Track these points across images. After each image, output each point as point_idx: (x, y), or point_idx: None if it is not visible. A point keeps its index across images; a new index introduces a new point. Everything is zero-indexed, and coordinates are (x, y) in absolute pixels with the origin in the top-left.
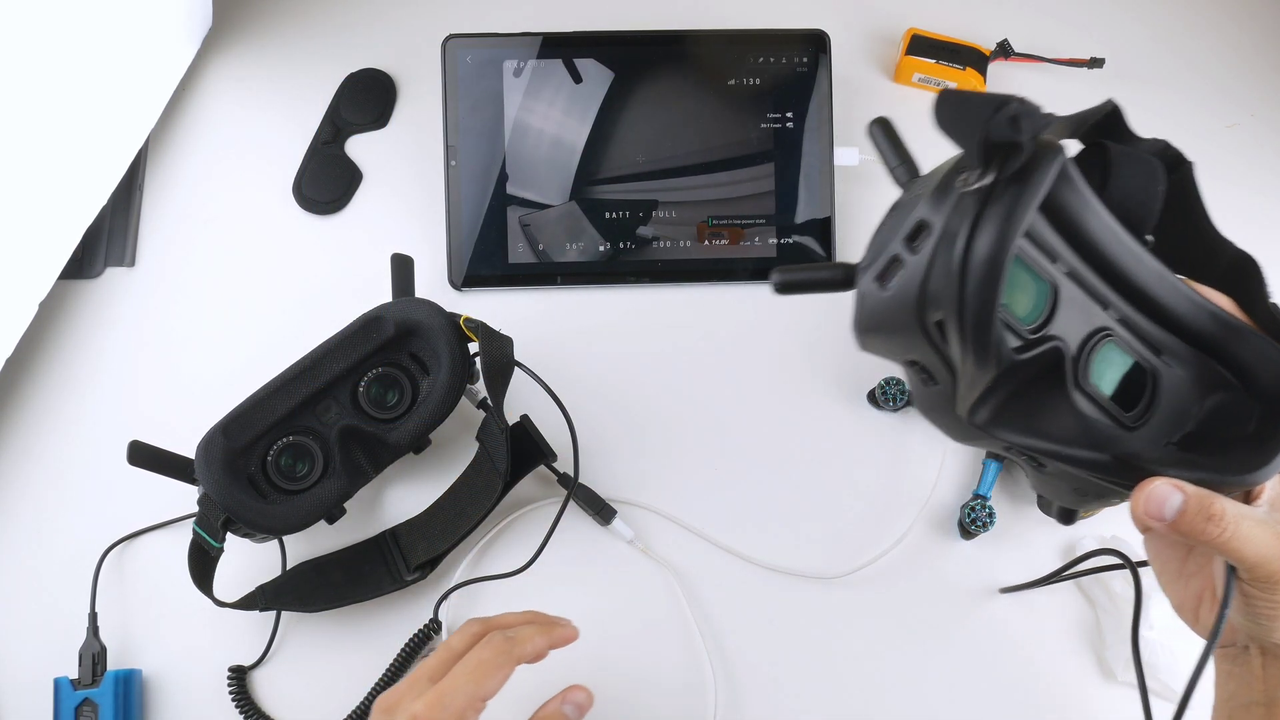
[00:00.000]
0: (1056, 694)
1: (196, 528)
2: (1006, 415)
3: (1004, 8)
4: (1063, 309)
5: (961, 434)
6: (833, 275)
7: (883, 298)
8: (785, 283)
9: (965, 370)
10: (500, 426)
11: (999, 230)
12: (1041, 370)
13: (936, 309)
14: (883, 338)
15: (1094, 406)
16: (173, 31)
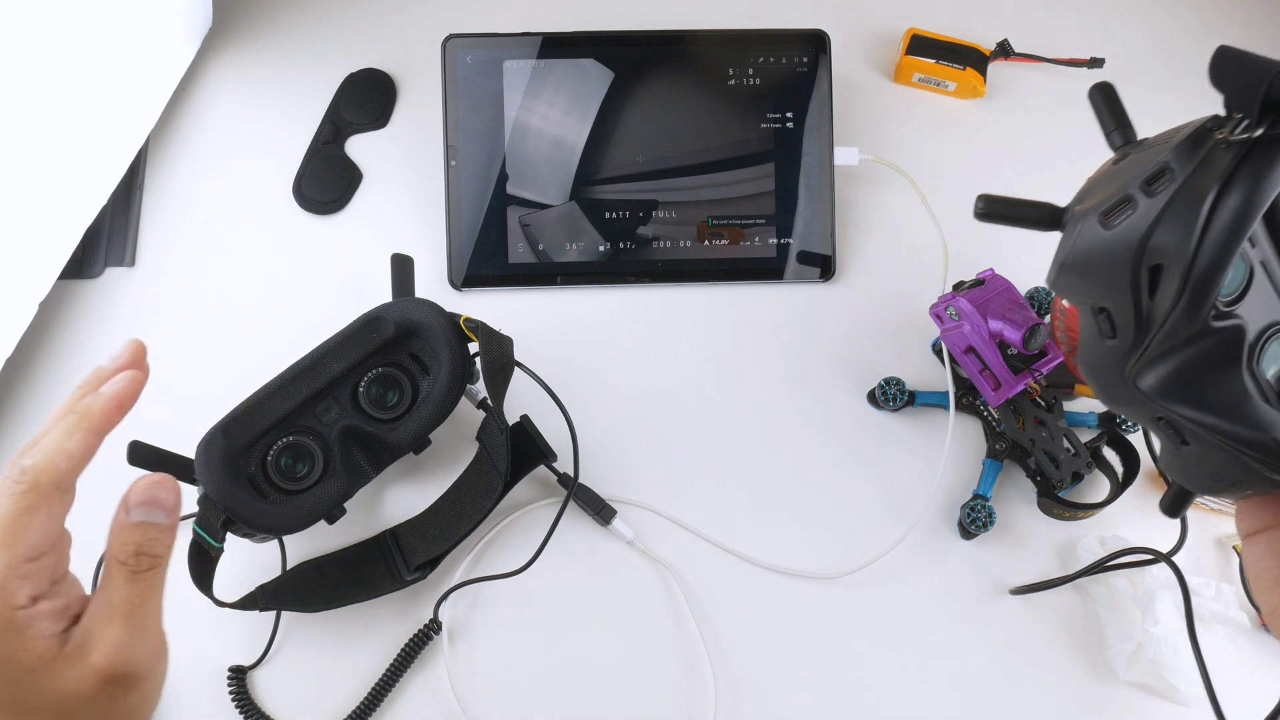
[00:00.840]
0: (1057, 693)
1: (196, 528)
2: (1173, 383)
3: (1004, 8)
4: (1252, 294)
5: (1118, 395)
6: (1039, 214)
7: (1102, 235)
8: (989, 211)
9: (1160, 324)
10: (500, 426)
11: (1258, 182)
12: (1219, 346)
13: (1159, 255)
14: (1086, 278)
15: (1260, 392)
16: (173, 31)
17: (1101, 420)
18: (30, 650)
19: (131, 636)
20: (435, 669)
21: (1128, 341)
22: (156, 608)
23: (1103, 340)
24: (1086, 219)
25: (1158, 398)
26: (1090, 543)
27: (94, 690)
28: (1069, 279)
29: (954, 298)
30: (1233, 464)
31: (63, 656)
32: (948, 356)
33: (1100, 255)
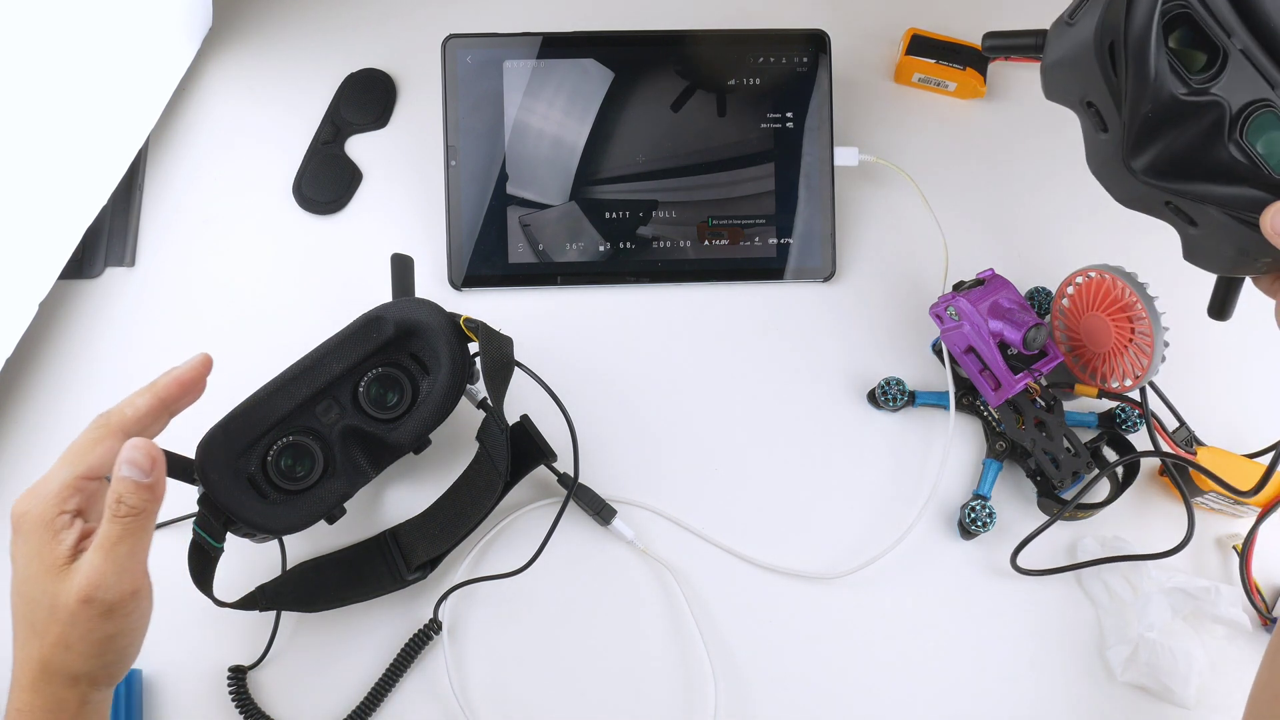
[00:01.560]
0: (1056, 694)
1: (196, 528)
2: (1165, 162)
3: (1004, 8)
4: (1229, 74)
5: (1125, 187)
6: (1034, 41)
7: (1070, 31)
8: (992, 46)
9: (1130, 95)
10: (500, 426)
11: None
12: (1201, 125)
13: (1111, 32)
14: (1065, 72)
15: (1246, 159)
16: (173, 31)
17: (1101, 420)
18: (52, 553)
19: (107, 568)
20: (435, 669)
21: (1118, 129)
22: (134, 550)
23: (1099, 137)
24: (1057, 25)
25: (1153, 177)
26: (1090, 543)
27: (75, 606)
28: (1053, 79)
29: (954, 298)
30: (1244, 231)
31: (66, 569)
32: (948, 356)
33: (1070, 49)
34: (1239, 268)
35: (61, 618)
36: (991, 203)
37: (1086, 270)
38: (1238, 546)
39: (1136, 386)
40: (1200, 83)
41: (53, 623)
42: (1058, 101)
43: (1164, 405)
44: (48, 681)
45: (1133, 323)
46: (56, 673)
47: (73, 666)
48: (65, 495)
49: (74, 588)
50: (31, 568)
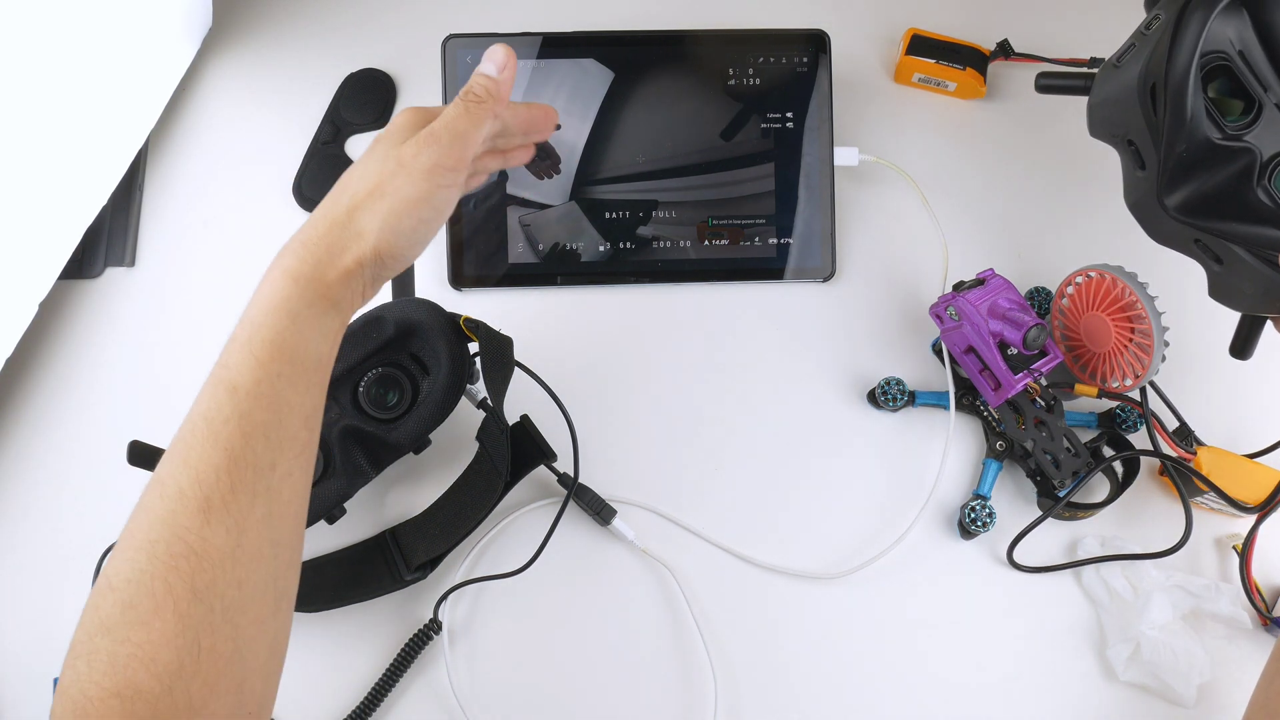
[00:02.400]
0: (1057, 693)
1: None
2: (1196, 200)
3: (1004, 8)
4: (1263, 124)
5: (1158, 224)
6: (1084, 83)
7: (1115, 73)
8: (1046, 86)
9: (1167, 135)
10: (500, 427)
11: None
12: (1233, 169)
13: (1153, 74)
14: (1110, 110)
15: (1273, 203)
16: (173, 31)
17: (1101, 420)
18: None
19: (441, 133)
20: (435, 669)
21: (1154, 167)
22: (465, 132)
23: (1136, 174)
24: (1105, 68)
25: (1184, 214)
26: (1090, 543)
27: (399, 155)
28: (1098, 117)
29: (954, 298)
30: (1268, 273)
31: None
32: (948, 356)
33: (1115, 89)
34: (1262, 307)
35: (388, 168)
36: (991, 203)
37: (1086, 270)
38: (1238, 546)
39: (1136, 386)
40: (1235, 129)
41: (370, 173)
42: (1100, 139)
43: (1164, 405)
44: (338, 226)
45: (1133, 323)
46: (353, 212)
47: (373, 212)
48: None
49: (407, 145)
50: (377, 148)
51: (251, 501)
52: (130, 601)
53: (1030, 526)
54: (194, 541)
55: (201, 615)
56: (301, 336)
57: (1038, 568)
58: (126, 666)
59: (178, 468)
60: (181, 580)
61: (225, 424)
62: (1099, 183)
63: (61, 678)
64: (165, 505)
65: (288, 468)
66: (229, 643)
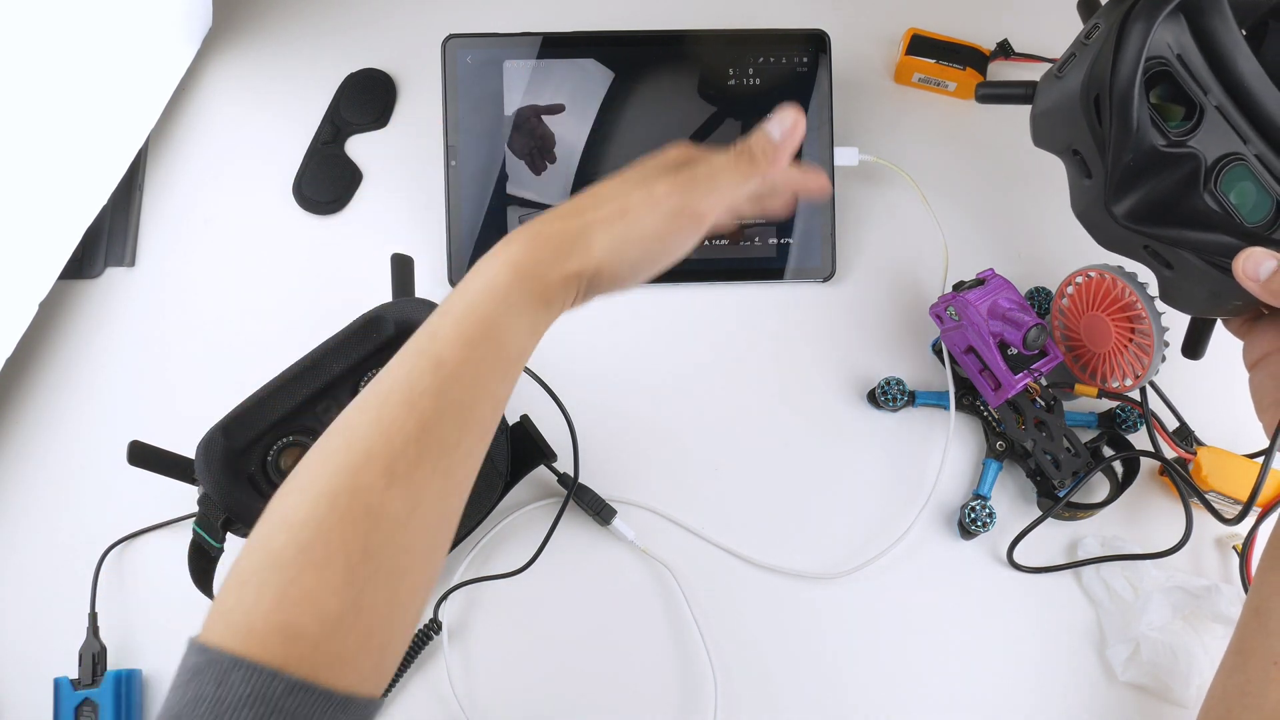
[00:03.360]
0: (1057, 693)
1: (196, 528)
2: (1144, 207)
3: (1004, 8)
4: (1205, 129)
5: (1106, 231)
6: (1025, 91)
7: (1058, 84)
8: (987, 95)
9: (1112, 144)
10: (500, 426)
11: (1151, 11)
12: (1179, 175)
13: (1096, 84)
14: (1053, 120)
15: (1219, 208)
16: (173, 31)
17: (1101, 420)
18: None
19: (699, 175)
20: (435, 669)
21: (1100, 176)
22: (724, 185)
23: (1083, 183)
24: (1046, 77)
25: (1133, 222)
26: (1090, 543)
27: (646, 191)
28: (1041, 127)
29: (954, 298)
30: (1216, 275)
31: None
32: (948, 356)
33: (1058, 100)
34: (1211, 309)
35: (637, 196)
36: (991, 203)
37: (1086, 270)
38: (1238, 546)
39: (1136, 386)
40: (1178, 136)
41: (620, 194)
42: (1045, 148)
43: (1164, 405)
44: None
45: (1132, 322)
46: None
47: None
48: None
49: (664, 180)
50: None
51: (431, 475)
52: (306, 544)
53: (1030, 527)
54: (374, 502)
55: (368, 574)
56: (512, 326)
57: (1038, 568)
58: (295, 606)
59: (370, 427)
60: (357, 536)
61: (423, 395)
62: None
63: (224, 599)
64: (350, 459)
65: (469, 449)
66: (386, 605)
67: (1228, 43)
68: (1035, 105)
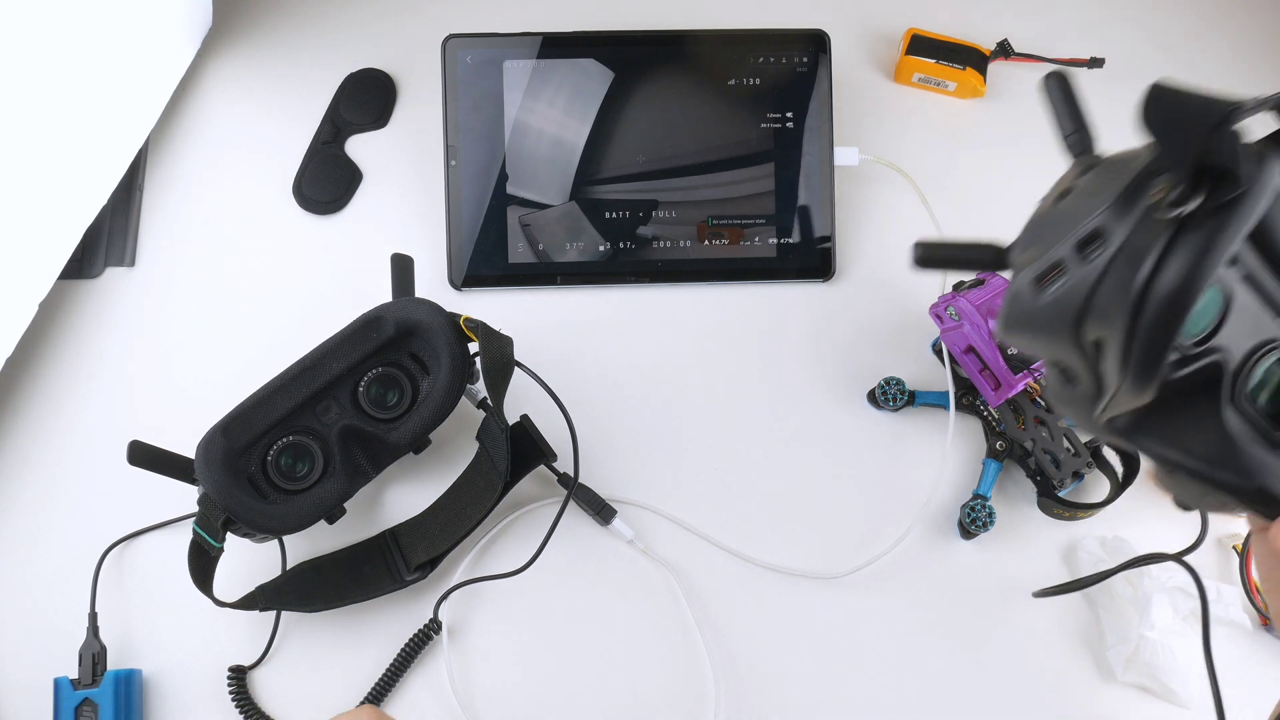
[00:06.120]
0: (1057, 694)
1: (196, 528)
2: (1148, 425)
3: (1004, 8)
4: (1233, 318)
5: (1093, 432)
6: (983, 255)
7: (1038, 302)
8: (926, 257)
9: (1115, 389)
10: (500, 426)
11: (1194, 264)
12: (1194, 386)
13: (1099, 328)
14: (1029, 338)
15: (1246, 424)
16: (173, 31)
17: None
18: None
19: None
20: (435, 669)
21: (1090, 390)
22: None
23: (1065, 387)
24: (1022, 277)
25: (1132, 437)
26: (1091, 543)
27: None
28: (1014, 337)
29: (954, 298)
30: (1219, 493)
31: None
32: (948, 356)
33: (1038, 321)
34: (1211, 509)
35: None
36: (991, 203)
37: None
38: (1238, 546)
39: None
40: (1197, 343)
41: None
42: (1013, 348)
43: None
44: None
45: None
46: None
47: None
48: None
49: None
50: None
51: None
52: None
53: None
54: None
55: None
56: None
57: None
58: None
59: None
60: None
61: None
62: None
63: None
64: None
65: None
66: None
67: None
68: (1005, 312)
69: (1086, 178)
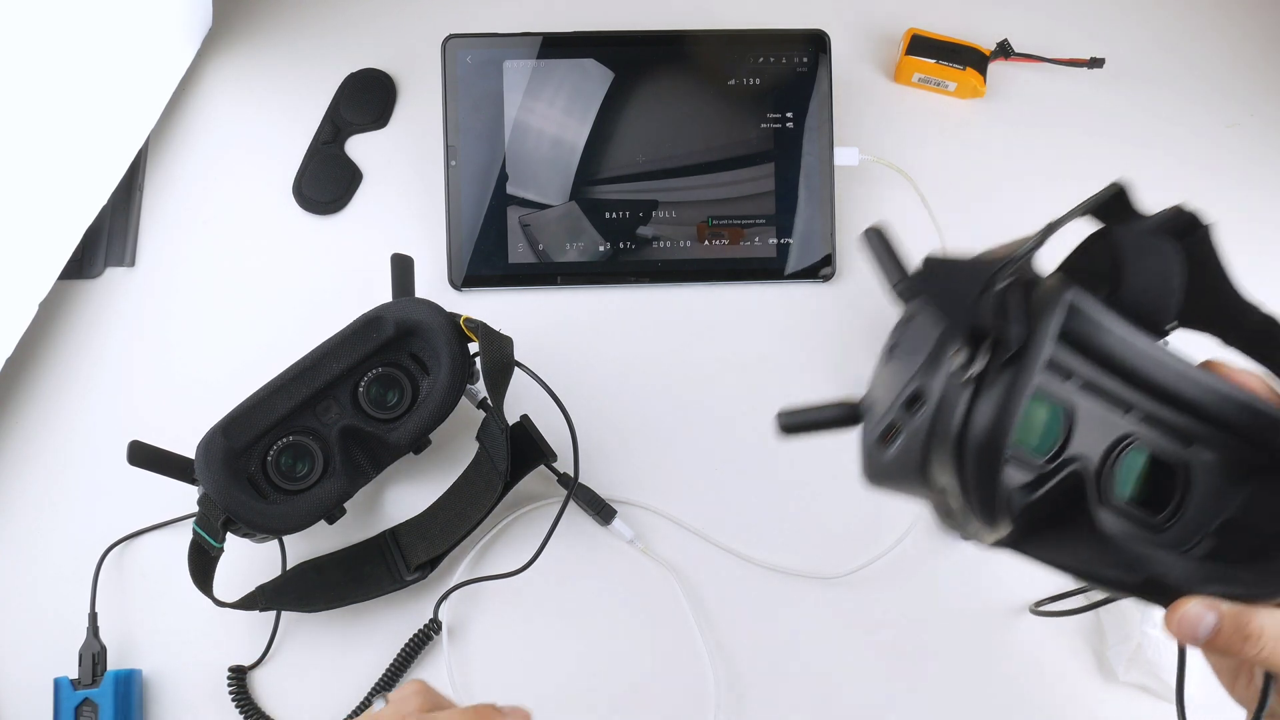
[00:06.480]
0: (1056, 693)
1: (196, 528)
2: (1033, 538)
3: (1004, 8)
4: (1081, 427)
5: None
6: (839, 414)
7: (885, 460)
8: (790, 425)
9: (971, 525)
10: (500, 426)
11: (997, 415)
12: (1064, 494)
13: (940, 476)
14: (891, 489)
15: (1121, 519)
16: (173, 31)
17: None
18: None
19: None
20: (435, 669)
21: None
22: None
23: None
24: (868, 436)
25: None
26: None
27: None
28: (878, 489)
29: None
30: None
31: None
32: None
33: (892, 476)
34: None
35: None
36: (991, 203)
37: None
38: None
39: None
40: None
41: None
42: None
43: None
44: None
45: None
46: None
47: None
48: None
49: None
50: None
51: None
52: None
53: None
54: None
55: None
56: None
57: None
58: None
59: None
60: None
61: None
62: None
63: None
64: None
65: None
66: None
67: (1088, 328)
68: (863, 468)
69: (910, 329)
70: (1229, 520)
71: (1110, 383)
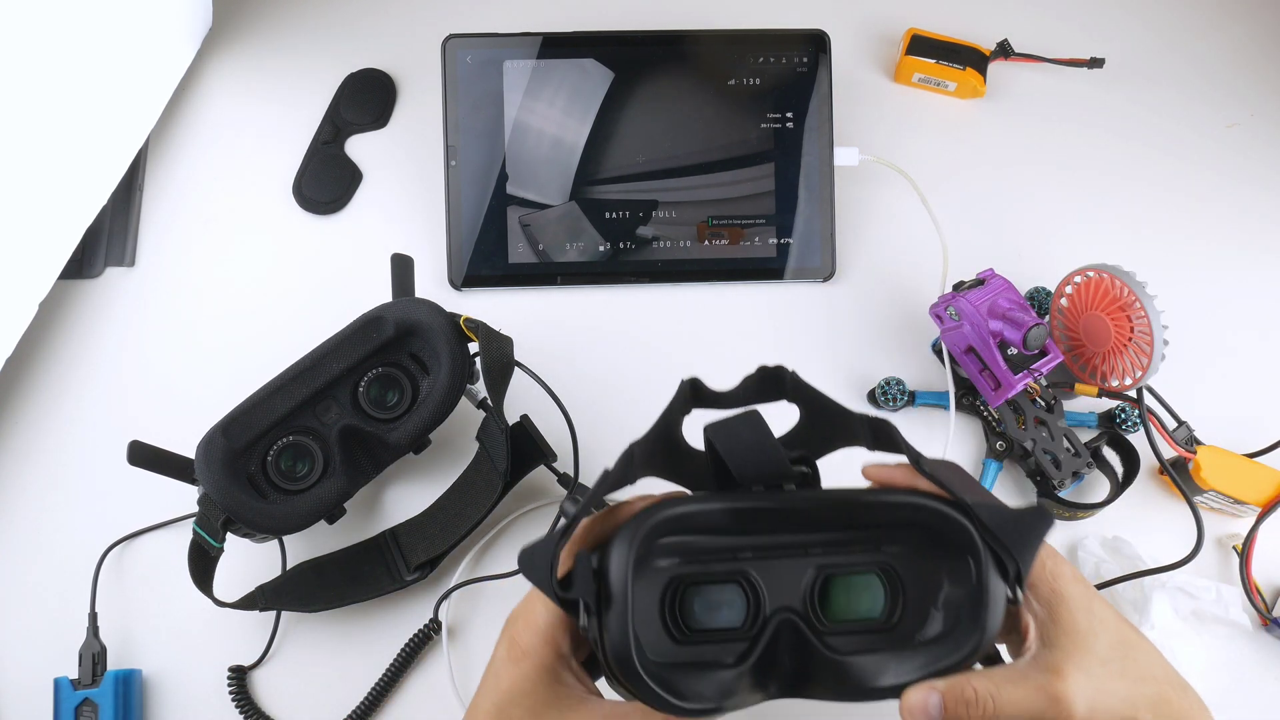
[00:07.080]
0: None
1: (196, 528)
2: (797, 688)
3: (1004, 8)
4: (769, 587)
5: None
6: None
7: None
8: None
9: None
10: (500, 426)
11: (613, 644)
12: (787, 644)
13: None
14: None
15: (851, 637)
16: (173, 31)
17: (1101, 420)
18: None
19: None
20: (435, 669)
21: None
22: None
23: None
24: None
25: (786, 697)
26: (1091, 543)
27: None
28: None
29: (954, 298)
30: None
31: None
32: (948, 356)
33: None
34: None
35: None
36: (991, 203)
37: (1085, 270)
38: (1238, 546)
39: (1137, 385)
40: (750, 626)
41: None
42: None
43: (1160, 406)
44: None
45: (1132, 321)
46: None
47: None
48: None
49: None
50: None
51: None
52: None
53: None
54: None
55: None
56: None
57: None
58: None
59: None
60: None
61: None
62: (1099, 183)
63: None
64: None
65: None
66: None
67: (705, 521)
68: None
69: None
70: (942, 595)
71: (777, 539)
